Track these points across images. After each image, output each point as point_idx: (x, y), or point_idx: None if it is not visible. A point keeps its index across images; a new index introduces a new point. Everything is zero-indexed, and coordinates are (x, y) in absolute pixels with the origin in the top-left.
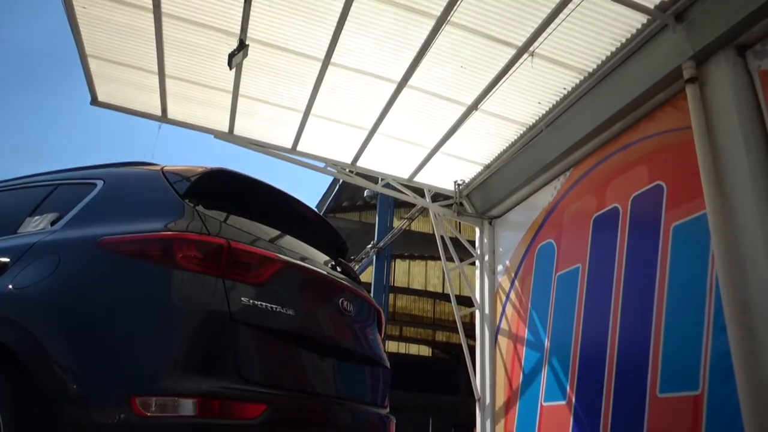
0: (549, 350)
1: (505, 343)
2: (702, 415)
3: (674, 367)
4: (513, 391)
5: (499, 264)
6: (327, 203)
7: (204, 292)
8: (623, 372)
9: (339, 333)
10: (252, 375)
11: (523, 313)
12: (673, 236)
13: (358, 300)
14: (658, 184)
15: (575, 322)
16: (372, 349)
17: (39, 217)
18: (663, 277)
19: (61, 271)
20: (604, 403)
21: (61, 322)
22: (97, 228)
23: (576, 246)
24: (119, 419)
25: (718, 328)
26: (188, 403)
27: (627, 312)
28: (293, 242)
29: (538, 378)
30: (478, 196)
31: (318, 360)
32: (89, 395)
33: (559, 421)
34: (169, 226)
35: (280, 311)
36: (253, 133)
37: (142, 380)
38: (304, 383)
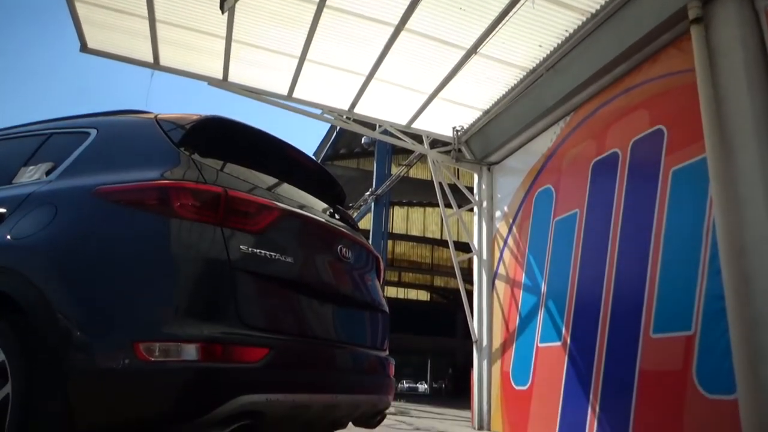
0: (545, 294)
1: (502, 288)
2: (693, 355)
3: (668, 308)
4: (509, 333)
5: (497, 210)
6: (324, 151)
7: (203, 240)
8: (618, 314)
9: (338, 279)
10: (253, 321)
11: (520, 258)
12: (672, 181)
13: (357, 247)
14: (659, 128)
15: (572, 266)
16: (371, 295)
17: (33, 167)
18: (660, 221)
19: (58, 220)
20: (598, 344)
21: (61, 271)
22: (93, 177)
23: (574, 191)
24: (124, 364)
25: (713, 271)
26: (191, 348)
27: (623, 256)
28: (291, 190)
29: (534, 320)
30: (476, 142)
31: (317, 306)
32: (93, 342)
33: (554, 361)
34: (166, 175)
35: (279, 259)
36: (248, 80)
37: (145, 326)
38: (304, 328)
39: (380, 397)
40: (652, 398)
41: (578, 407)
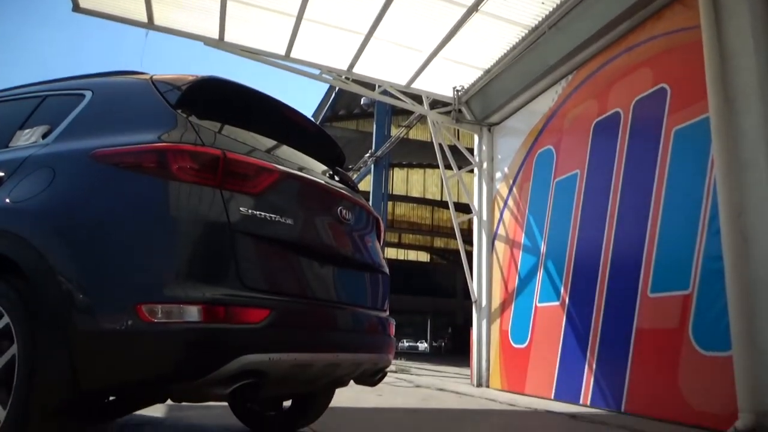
0: (545, 254)
1: (501, 248)
2: (690, 313)
3: (666, 268)
4: (508, 293)
5: (498, 171)
6: (323, 112)
7: (202, 203)
8: (616, 273)
9: (338, 241)
10: (254, 282)
11: (520, 218)
12: (673, 140)
13: (357, 208)
14: (662, 87)
15: (572, 227)
16: (371, 256)
17: (29, 130)
18: (661, 181)
19: (56, 184)
20: (596, 303)
21: (61, 234)
22: (89, 140)
23: (575, 152)
24: (126, 326)
25: (712, 231)
26: (193, 310)
27: (623, 216)
28: (290, 152)
29: (533, 281)
30: (477, 102)
31: (318, 267)
32: (95, 304)
33: (552, 320)
34: (163, 137)
35: (279, 221)
36: (245, 40)
37: (147, 289)
38: (305, 289)
39: (381, 356)
40: (648, 355)
41: (575, 364)
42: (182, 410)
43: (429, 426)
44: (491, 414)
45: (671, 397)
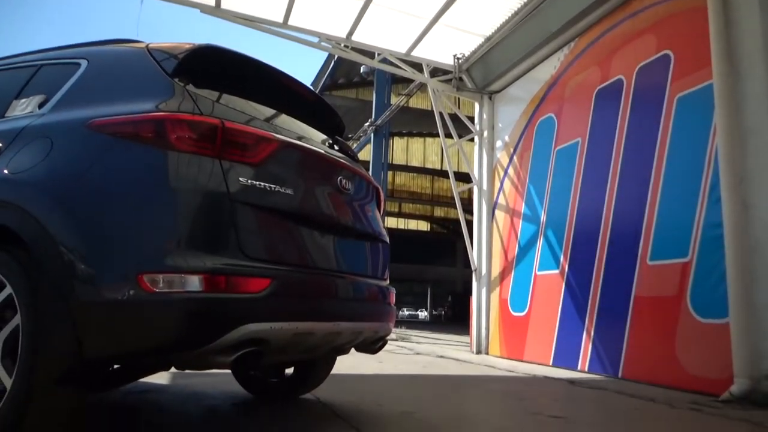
0: (545, 223)
1: (501, 217)
2: (688, 281)
3: (666, 236)
4: (508, 261)
5: (498, 140)
6: (322, 81)
7: (201, 173)
8: (616, 242)
9: (338, 210)
10: (254, 252)
11: (520, 187)
12: (676, 108)
13: (357, 178)
14: (666, 54)
15: (572, 195)
16: (371, 225)
17: (25, 100)
18: (663, 150)
19: (54, 154)
20: (595, 271)
21: (61, 205)
22: (86, 110)
23: (577, 120)
24: (128, 295)
25: (712, 199)
26: (194, 279)
27: (624, 184)
28: (289, 121)
29: (533, 249)
30: (478, 70)
31: (318, 237)
32: (97, 274)
33: (551, 288)
34: (160, 106)
35: (279, 190)
36: (242, 6)
37: (148, 259)
38: (305, 259)
39: (381, 324)
40: (646, 323)
41: (574, 331)
42: (186, 377)
43: (429, 392)
44: (491, 380)
45: (668, 364)
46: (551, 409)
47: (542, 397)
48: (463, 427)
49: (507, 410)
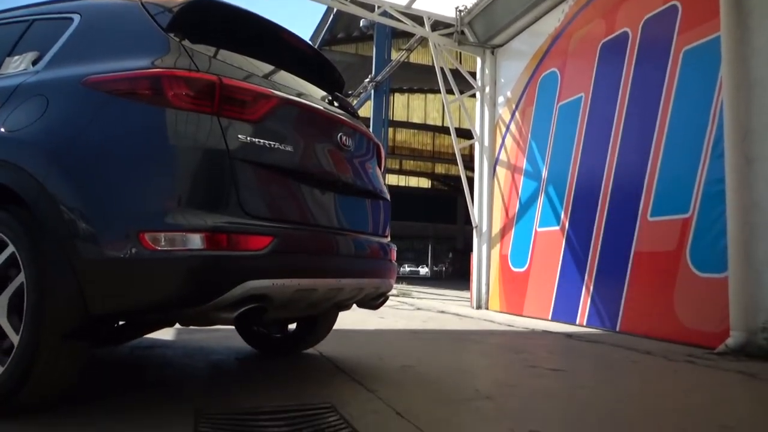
0: (546, 179)
1: (503, 174)
2: (688, 236)
3: (668, 192)
4: (509, 218)
5: (500, 95)
6: (321, 36)
7: (200, 130)
8: (617, 198)
9: (339, 168)
10: (255, 210)
11: (522, 144)
12: (682, 61)
13: (357, 135)
14: (673, 5)
15: (574, 151)
16: (372, 183)
17: (18, 57)
18: (667, 104)
19: (51, 112)
20: (595, 227)
21: (60, 163)
22: (80, 67)
23: (580, 74)
24: (131, 253)
25: (715, 155)
26: (196, 238)
27: (627, 140)
28: (288, 77)
29: (534, 206)
30: (480, 23)
31: (319, 194)
32: (98, 232)
33: (551, 244)
34: (156, 63)
35: (279, 148)
36: None
37: (149, 217)
38: (306, 216)
39: (382, 281)
40: (645, 277)
41: (573, 286)
42: (190, 333)
43: (429, 346)
44: (490, 334)
45: (666, 317)
46: (549, 362)
47: (540, 351)
48: (463, 380)
49: (505, 363)
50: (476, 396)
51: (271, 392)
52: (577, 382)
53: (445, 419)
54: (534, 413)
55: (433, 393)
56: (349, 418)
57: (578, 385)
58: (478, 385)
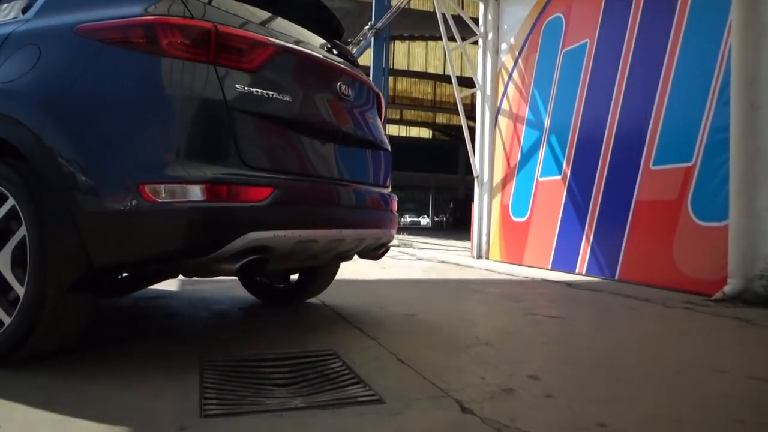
0: (549, 128)
1: (504, 123)
2: (690, 185)
3: (671, 140)
4: (510, 168)
5: (503, 42)
6: None
7: (196, 80)
8: (620, 147)
9: (338, 118)
10: (255, 161)
11: (525, 92)
12: (690, 6)
13: (357, 84)
14: None
15: (578, 99)
16: (372, 133)
17: (8, 5)
18: (674, 51)
19: (43, 62)
20: (597, 177)
21: (55, 114)
22: (72, 14)
23: (586, 20)
24: (131, 206)
25: (721, 102)
26: (196, 189)
27: (632, 87)
28: (285, 24)
29: (536, 155)
30: None
31: (319, 145)
32: (98, 185)
33: (552, 193)
34: (149, 10)
35: (277, 97)
36: None
37: (148, 169)
38: (307, 167)
39: (383, 231)
40: (646, 226)
41: (573, 236)
42: (194, 284)
43: (430, 295)
44: (490, 283)
45: (664, 266)
46: (548, 309)
47: (540, 299)
48: (463, 327)
49: (505, 311)
50: (476, 342)
51: (274, 340)
52: (576, 329)
53: (445, 365)
54: (532, 359)
55: (434, 340)
56: (351, 365)
57: (576, 332)
58: (477, 333)
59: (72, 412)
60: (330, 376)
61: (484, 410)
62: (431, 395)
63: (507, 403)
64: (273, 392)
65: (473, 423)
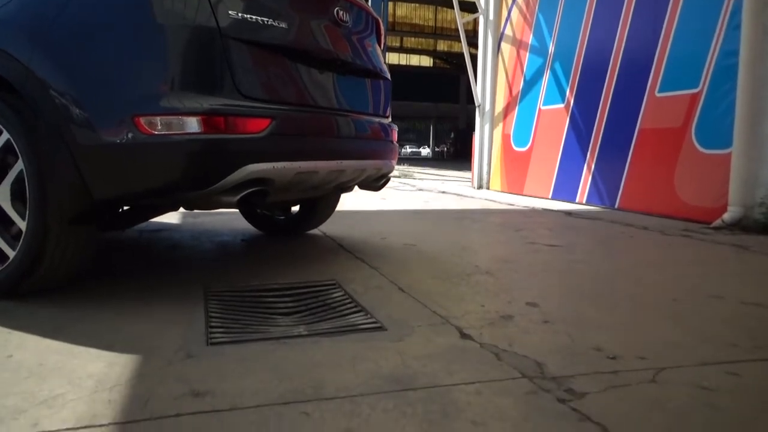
0: (553, 55)
1: (507, 50)
2: (695, 112)
3: (678, 66)
4: (513, 96)
5: None
6: None
7: (188, 6)
8: (625, 74)
9: (336, 45)
10: (252, 91)
11: (529, 17)
12: None
13: (355, 9)
14: None
15: (583, 25)
16: (371, 61)
17: None
18: None
19: None
20: (601, 105)
21: (43, 45)
22: None
23: None
24: (127, 138)
25: (731, 26)
26: (192, 121)
27: (639, 10)
28: None
29: (539, 83)
30: None
31: (317, 74)
32: (92, 117)
33: (555, 122)
34: None
35: (273, 24)
36: None
37: (142, 100)
38: (305, 97)
39: (384, 162)
40: (648, 155)
41: (574, 165)
42: (196, 217)
43: (431, 225)
44: (490, 213)
45: (665, 194)
46: (548, 238)
47: (540, 228)
48: (463, 257)
49: (505, 240)
50: (476, 271)
51: (276, 271)
52: (575, 257)
53: (445, 293)
54: (532, 286)
55: (434, 269)
56: (353, 294)
57: (575, 260)
58: (478, 262)
59: (81, 341)
60: (332, 305)
61: (483, 336)
62: (431, 322)
63: (506, 329)
64: (277, 321)
65: (472, 348)
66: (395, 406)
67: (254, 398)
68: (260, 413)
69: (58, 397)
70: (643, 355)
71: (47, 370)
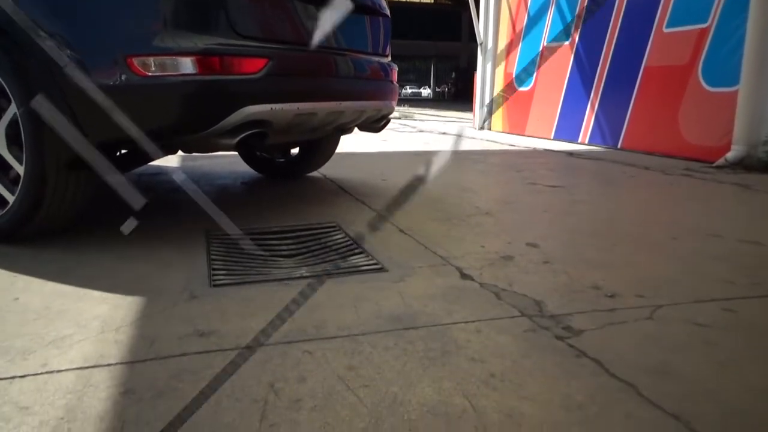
0: None
1: None
2: (702, 49)
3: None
4: (516, 34)
5: None
6: None
7: None
8: (633, 7)
9: None
10: (248, 30)
11: None
12: None
13: None
14: None
15: None
16: None
17: None
18: None
19: None
20: (606, 42)
21: None
22: None
23: None
24: (121, 80)
25: None
26: (187, 61)
27: None
28: None
29: (543, 20)
30: None
31: (314, 11)
32: (84, 58)
33: (559, 61)
34: None
35: None
36: None
37: (134, 40)
38: (302, 36)
39: (384, 103)
40: (653, 93)
41: (578, 105)
42: (195, 160)
43: (431, 167)
44: (492, 154)
45: (668, 133)
46: (549, 179)
47: (541, 169)
48: (463, 198)
49: (506, 181)
50: (476, 212)
51: (277, 213)
52: (575, 197)
53: (445, 234)
54: (531, 227)
55: (435, 211)
56: (353, 236)
57: (576, 200)
58: (478, 203)
59: (85, 283)
60: (333, 247)
61: (483, 276)
62: (432, 263)
63: (505, 269)
64: (279, 263)
65: (472, 288)
66: (396, 344)
67: (258, 338)
68: (264, 352)
69: (66, 338)
70: (641, 293)
71: (53, 312)
